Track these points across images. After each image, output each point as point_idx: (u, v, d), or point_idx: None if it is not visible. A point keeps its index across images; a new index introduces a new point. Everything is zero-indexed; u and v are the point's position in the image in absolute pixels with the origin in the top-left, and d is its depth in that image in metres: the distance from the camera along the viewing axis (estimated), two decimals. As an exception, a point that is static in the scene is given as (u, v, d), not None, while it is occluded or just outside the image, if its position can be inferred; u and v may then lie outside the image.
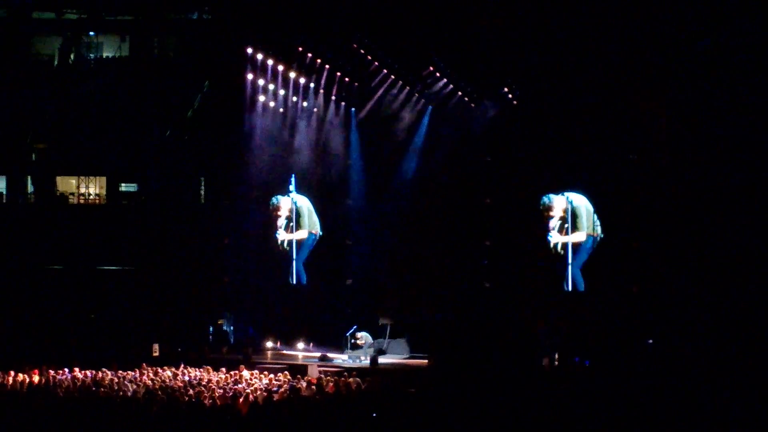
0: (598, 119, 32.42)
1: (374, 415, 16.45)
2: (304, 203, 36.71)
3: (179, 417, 16.75)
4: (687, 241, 31.13)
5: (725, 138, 30.40)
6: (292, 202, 36.72)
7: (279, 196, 36.67)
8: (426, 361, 29.64)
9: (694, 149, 31.00)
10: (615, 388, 22.84)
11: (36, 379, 23.41)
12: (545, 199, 33.83)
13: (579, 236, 33.40)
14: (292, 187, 36.77)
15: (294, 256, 37.02)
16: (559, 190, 33.67)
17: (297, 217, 36.72)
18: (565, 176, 33.53)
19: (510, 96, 34.02)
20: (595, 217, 33.27)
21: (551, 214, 33.74)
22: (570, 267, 33.67)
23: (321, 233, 36.97)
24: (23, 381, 22.71)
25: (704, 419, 17.04)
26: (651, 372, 26.06)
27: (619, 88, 31.51)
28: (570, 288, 33.63)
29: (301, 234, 36.70)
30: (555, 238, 33.73)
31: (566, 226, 33.57)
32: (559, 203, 33.71)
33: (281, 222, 36.84)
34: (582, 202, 33.48)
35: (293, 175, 36.70)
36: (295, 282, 37.10)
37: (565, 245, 33.63)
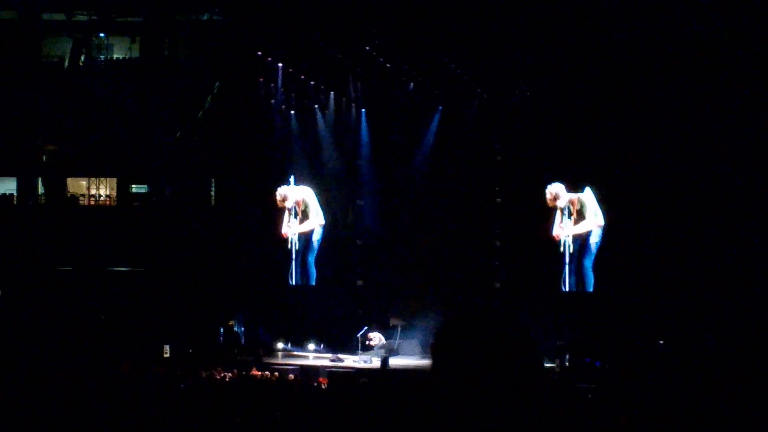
0: (605, 112, 32.44)
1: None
2: (309, 194, 36.59)
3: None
4: (697, 236, 31.14)
5: (731, 131, 30.49)
6: (298, 193, 36.55)
7: (285, 186, 36.49)
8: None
9: (698, 141, 31.08)
10: (626, 389, 22.80)
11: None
12: (550, 188, 33.75)
13: (586, 225, 33.33)
14: (291, 184, 36.62)
15: (294, 255, 36.82)
16: (571, 188, 33.62)
17: (304, 207, 36.56)
18: (575, 173, 33.49)
19: (523, 94, 33.98)
20: (599, 206, 33.27)
21: (557, 203, 33.63)
22: (575, 264, 33.64)
23: (325, 223, 36.76)
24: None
25: (716, 419, 17.00)
26: (662, 373, 26.04)
27: (625, 80, 31.57)
28: (576, 287, 33.60)
29: (309, 225, 36.50)
30: (564, 231, 33.64)
31: (572, 216, 33.49)
32: (566, 193, 33.60)
33: (287, 215, 36.60)
34: (586, 192, 33.45)
35: (292, 176, 36.58)
36: (295, 282, 36.89)
37: (574, 240, 33.56)
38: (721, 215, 30.96)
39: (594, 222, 33.27)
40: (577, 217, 33.48)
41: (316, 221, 36.61)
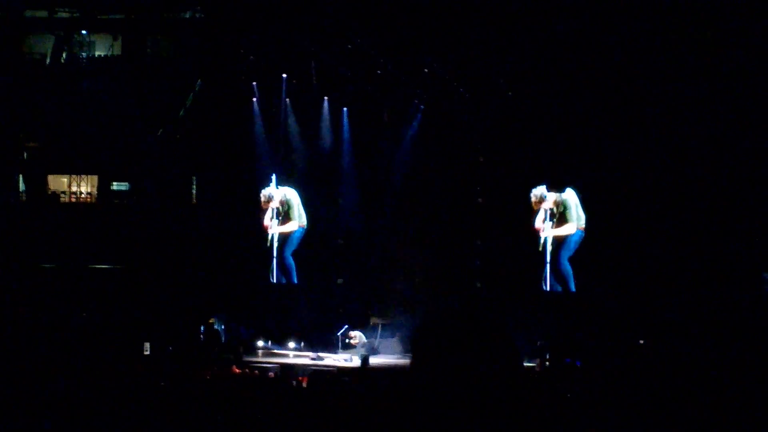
0: (587, 112, 32.54)
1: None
2: (293, 195, 36.63)
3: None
4: (677, 237, 31.25)
5: (713, 132, 30.64)
6: (282, 194, 36.61)
7: (269, 188, 36.57)
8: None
9: (680, 142, 31.22)
10: (606, 388, 22.86)
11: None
12: (536, 191, 33.86)
13: (569, 228, 33.45)
14: (273, 185, 36.68)
15: (275, 254, 36.86)
16: (552, 187, 33.72)
17: (287, 209, 36.59)
18: (557, 174, 33.60)
19: (505, 94, 34.04)
20: (581, 209, 33.38)
21: (542, 206, 33.74)
22: (554, 262, 33.78)
23: (306, 226, 36.81)
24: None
25: (698, 420, 17.06)
26: (643, 372, 26.11)
27: (610, 82, 31.67)
28: (557, 284, 33.72)
29: (291, 226, 36.57)
30: (546, 232, 33.76)
31: (555, 218, 33.61)
32: (550, 195, 33.72)
33: (270, 214, 36.67)
34: (570, 194, 33.56)
35: (274, 174, 36.64)
36: (276, 280, 36.95)
37: (554, 241, 33.70)
38: (702, 215, 31.09)
39: (576, 225, 33.40)
40: (560, 219, 33.59)
41: (298, 223, 36.66)
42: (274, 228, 36.68)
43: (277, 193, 36.53)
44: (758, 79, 29.90)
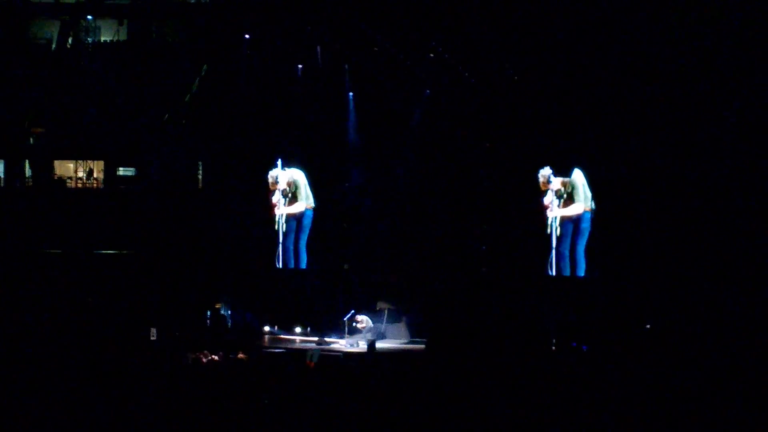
0: (595, 96, 32.49)
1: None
2: (300, 176, 36.57)
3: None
4: (685, 221, 31.21)
5: (719, 113, 30.60)
6: (289, 175, 36.54)
7: (275, 170, 36.51)
8: (424, 345, 29.74)
9: (688, 124, 31.17)
10: (612, 372, 22.89)
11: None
12: (543, 171, 33.78)
13: (576, 208, 33.30)
14: (279, 167, 36.64)
15: (281, 239, 36.84)
16: (559, 169, 33.65)
17: (294, 189, 36.53)
18: (564, 155, 33.53)
19: (510, 78, 33.99)
20: (589, 189, 33.30)
21: (549, 186, 33.64)
22: (568, 249, 33.70)
23: (314, 205, 36.72)
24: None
25: (703, 406, 17.04)
26: (649, 357, 26.12)
27: (617, 64, 31.61)
28: (569, 271, 33.64)
29: (298, 207, 36.48)
30: (554, 212, 33.65)
31: (563, 198, 33.51)
32: (557, 176, 33.65)
33: (278, 196, 36.60)
34: (577, 175, 33.46)
35: (279, 158, 36.60)
36: (283, 265, 36.93)
37: (563, 223, 33.57)
38: (711, 198, 31.04)
39: (583, 206, 33.31)
40: (567, 199, 33.51)
41: (306, 204, 36.58)
42: (281, 209, 36.60)
43: (283, 175, 36.46)
44: None
